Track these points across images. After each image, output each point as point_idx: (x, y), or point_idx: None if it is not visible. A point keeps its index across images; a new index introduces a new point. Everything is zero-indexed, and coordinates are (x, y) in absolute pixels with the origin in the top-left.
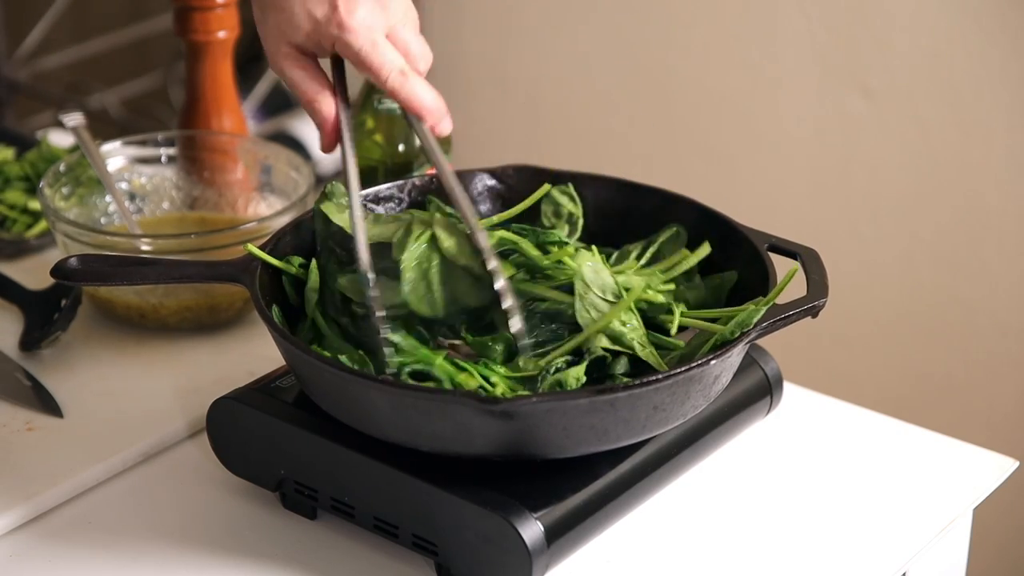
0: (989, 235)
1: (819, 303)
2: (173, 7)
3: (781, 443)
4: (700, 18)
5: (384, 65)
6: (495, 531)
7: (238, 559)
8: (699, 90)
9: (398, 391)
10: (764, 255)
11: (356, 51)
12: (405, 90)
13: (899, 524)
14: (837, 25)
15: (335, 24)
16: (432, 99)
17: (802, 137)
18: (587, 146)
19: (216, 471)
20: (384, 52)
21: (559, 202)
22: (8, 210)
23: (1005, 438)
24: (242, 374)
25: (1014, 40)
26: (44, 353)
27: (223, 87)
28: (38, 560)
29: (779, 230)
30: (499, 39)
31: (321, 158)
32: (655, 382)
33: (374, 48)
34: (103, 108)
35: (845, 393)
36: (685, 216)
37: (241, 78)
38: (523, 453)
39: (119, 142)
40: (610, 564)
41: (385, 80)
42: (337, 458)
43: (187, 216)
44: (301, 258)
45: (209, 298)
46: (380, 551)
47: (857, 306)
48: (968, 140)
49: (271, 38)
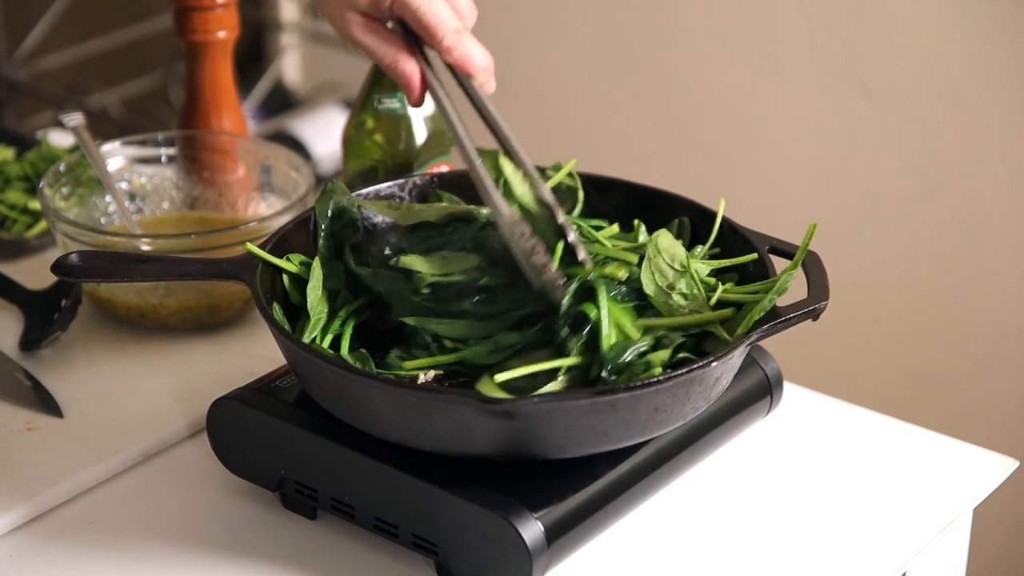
0: (989, 235)
1: (820, 306)
2: (173, 7)
3: (781, 443)
4: (700, 18)
5: (441, 24)
6: (495, 531)
7: (238, 559)
8: (699, 90)
9: (399, 390)
10: (765, 257)
11: (414, 9)
12: (460, 48)
13: (899, 524)
14: (837, 25)
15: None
16: (483, 57)
17: (802, 137)
18: (586, 145)
19: (216, 471)
20: (440, 10)
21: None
22: (8, 210)
23: (1005, 438)
24: (242, 374)
25: (1014, 40)
26: (44, 353)
27: (223, 87)
28: (38, 560)
29: (779, 230)
30: (499, 38)
31: (321, 158)
32: (656, 383)
33: (431, 6)
34: (103, 108)
35: (845, 393)
36: (685, 216)
37: (241, 78)
38: (524, 453)
39: (119, 142)
40: (610, 564)
41: (442, 39)
42: (337, 458)
43: (187, 216)
44: (302, 256)
45: (209, 298)
46: (380, 551)
47: (857, 306)
48: (968, 140)
49: (337, 12)
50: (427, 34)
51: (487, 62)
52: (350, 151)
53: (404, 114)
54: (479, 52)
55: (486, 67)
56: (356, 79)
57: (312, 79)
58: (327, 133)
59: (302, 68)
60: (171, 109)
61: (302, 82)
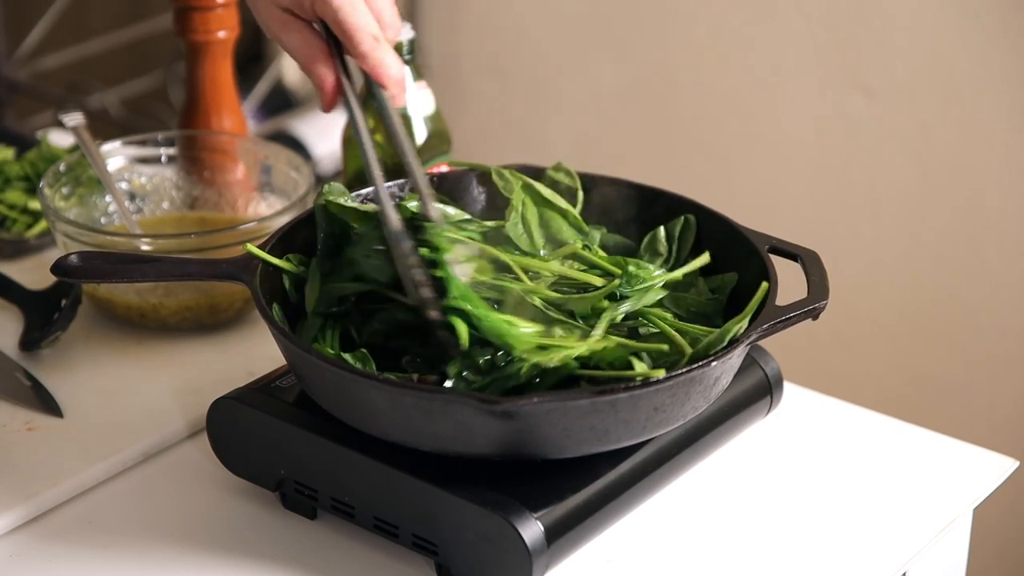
0: (989, 235)
1: (819, 305)
2: (173, 7)
3: (781, 443)
4: (700, 18)
5: (360, 28)
6: (495, 531)
7: (238, 559)
8: (699, 90)
9: (399, 390)
10: (765, 257)
11: (335, 10)
12: (375, 56)
13: (899, 524)
14: (837, 25)
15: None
16: (399, 70)
17: (802, 137)
18: (586, 146)
19: (216, 471)
20: (361, 14)
21: (556, 179)
22: (8, 210)
23: (1005, 438)
24: (242, 374)
25: (1014, 40)
26: (44, 353)
27: (223, 87)
28: (38, 560)
29: (779, 230)
30: (499, 38)
31: (321, 157)
32: (656, 383)
33: (353, 9)
34: (103, 108)
35: (845, 393)
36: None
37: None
38: (524, 453)
39: (119, 142)
40: (610, 564)
41: (359, 43)
42: (337, 458)
43: (187, 216)
44: (302, 256)
45: (209, 298)
46: (380, 551)
47: (857, 306)
48: (968, 140)
49: (261, 6)
50: (345, 37)
51: (400, 75)
52: (350, 151)
53: (404, 114)
54: (395, 63)
55: (398, 80)
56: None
57: None
58: (327, 133)
59: None
60: (171, 109)
61: (302, 82)
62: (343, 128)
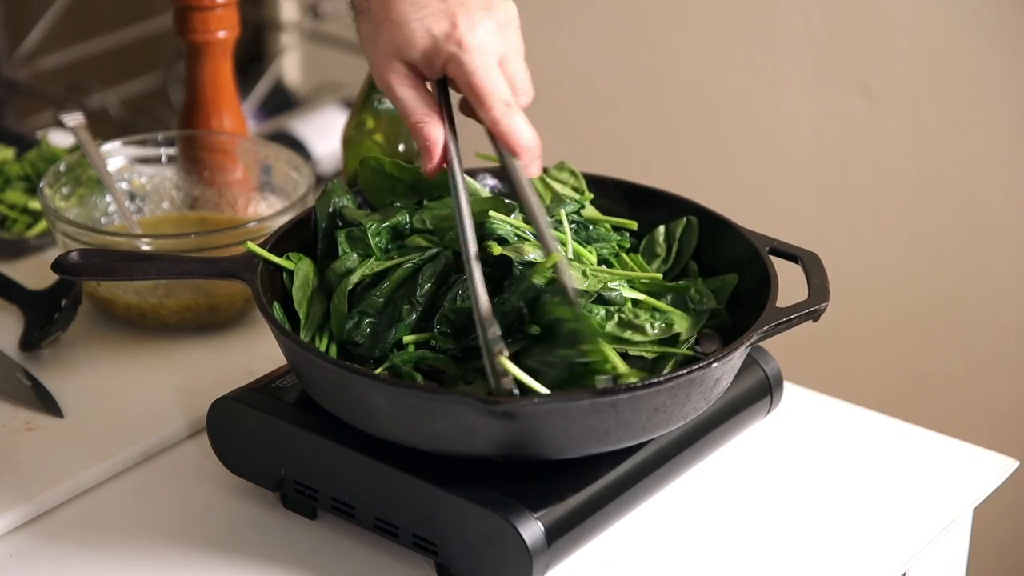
0: (989, 235)
1: (820, 307)
2: (173, 7)
3: (781, 443)
4: (700, 18)
5: (493, 92)
6: (495, 531)
7: (238, 559)
8: (699, 90)
9: (399, 390)
10: (765, 258)
11: (470, 72)
12: (506, 122)
13: (899, 524)
14: (837, 25)
15: (454, 41)
16: (531, 138)
17: (802, 137)
18: (586, 146)
19: (216, 471)
20: (496, 78)
21: (560, 179)
22: (8, 210)
23: (1005, 438)
24: (242, 374)
25: (1014, 40)
26: (44, 353)
27: (223, 87)
28: (38, 560)
29: (779, 230)
30: None
31: (321, 157)
32: (656, 384)
33: (488, 71)
34: (103, 108)
35: (845, 393)
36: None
37: (241, 78)
38: (524, 454)
39: (119, 142)
40: (610, 564)
41: (491, 108)
42: (337, 458)
43: (187, 216)
44: (302, 255)
45: (209, 298)
46: (380, 551)
47: (857, 306)
48: (968, 140)
49: (382, 56)
50: (477, 99)
51: (533, 143)
52: (350, 151)
53: None
54: (527, 130)
55: (531, 148)
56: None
57: (312, 79)
58: (327, 133)
59: (302, 68)
60: (171, 109)
61: (302, 82)
62: (343, 128)
